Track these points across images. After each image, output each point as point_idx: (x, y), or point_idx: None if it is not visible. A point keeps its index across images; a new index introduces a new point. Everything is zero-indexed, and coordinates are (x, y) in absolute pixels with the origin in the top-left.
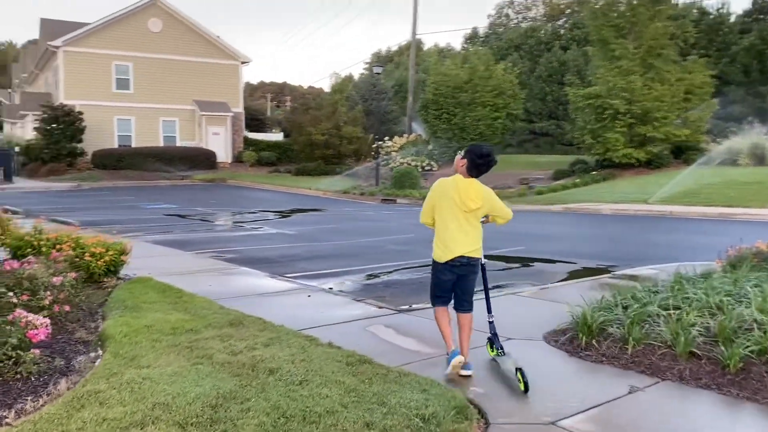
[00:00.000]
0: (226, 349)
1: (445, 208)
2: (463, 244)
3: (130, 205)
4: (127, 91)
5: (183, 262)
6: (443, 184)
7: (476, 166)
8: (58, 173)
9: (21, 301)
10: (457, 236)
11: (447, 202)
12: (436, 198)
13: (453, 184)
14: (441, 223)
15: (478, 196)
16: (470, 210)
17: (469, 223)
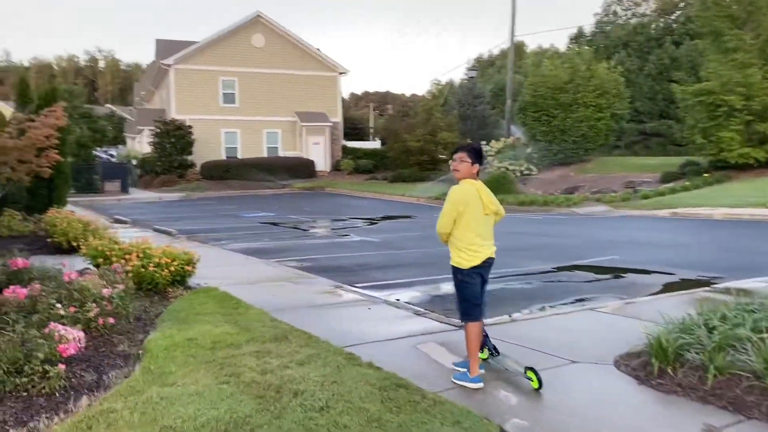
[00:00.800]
0: (259, 367)
1: (470, 214)
2: (489, 246)
3: (231, 213)
4: (233, 105)
5: (258, 271)
6: (466, 192)
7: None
8: (170, 184)
9: (68, 313)
10: (486, 240)
11: (473, 207)
12: (462, 206)
13: (474, 190)
14: (467, 229)
15: (494, 198)
16: (492, 212)
17: (489, 225)
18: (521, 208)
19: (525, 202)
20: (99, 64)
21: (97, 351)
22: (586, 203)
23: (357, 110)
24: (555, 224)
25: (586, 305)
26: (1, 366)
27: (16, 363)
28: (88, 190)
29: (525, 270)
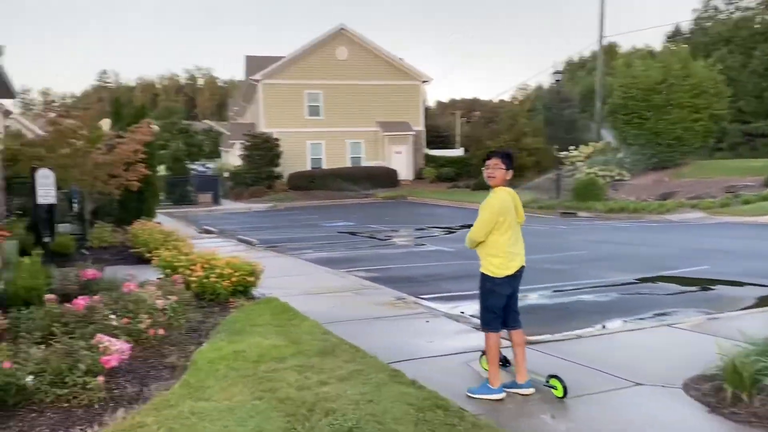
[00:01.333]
0: (297, 382)
1: (508, 223)
2: (522, 256)
3: (312, 223)
4: (318, 117)
5: (324, 281)
6: (505, 200)
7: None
8: (259, 195)
9: (121, 324)
10: (520, 249)
11: (511, 216)
12: (502, 216)
13: (510, 198)
14: (503, 238)
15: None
16: (523, 220)
17: (520, 233)
18: (610, 216)
19: (614, 209)
20: (198, 82)
21: (146, 362)
22: (680, 209)
23: (444, 118)
24: (644, 232)
25: (664, 320)
26: (45, 377)
27: (60, 374)
28: (183, 201)
29: (604, 281)
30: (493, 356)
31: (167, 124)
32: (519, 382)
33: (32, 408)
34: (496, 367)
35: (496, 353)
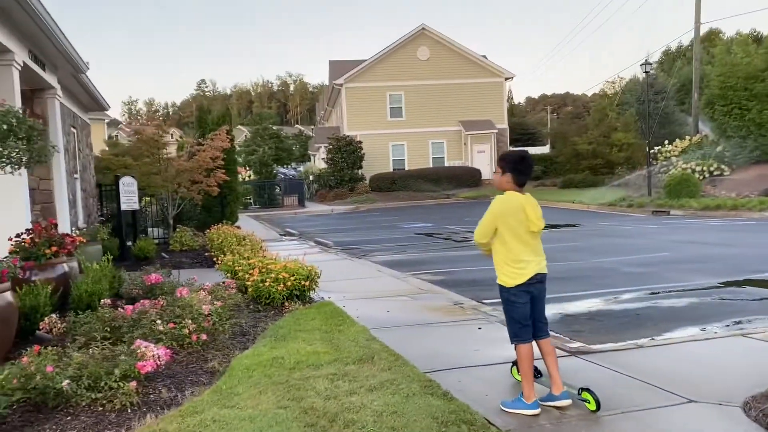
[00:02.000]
0: (327, 391)
1: (513, 229)
2: (538, 262)
3: (391, 224)
4: (400, 118)
5: (385, 285)
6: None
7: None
8: (342, 197)
9: (167, 329)
10: (533, 256)
11: (515, 221)
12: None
13: (518, 202)
14: (511, 245)
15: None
16: (540, 229)
17: (537, 240)
18: (705, 214)
19: (710, 207)
20: (289, 88)
21: (187, 367)
22: None
23: (534, 114)
24: (740, 231)
25: (741, 329)
26: (83, 381)
27: (98, 378)
28: (270, 204)
29: (684, 285)
30: (526, 369)
31: (258, 130)
32: (554, 393)
33: (69, 411)
34: (529, 380)
35: (529, 365)
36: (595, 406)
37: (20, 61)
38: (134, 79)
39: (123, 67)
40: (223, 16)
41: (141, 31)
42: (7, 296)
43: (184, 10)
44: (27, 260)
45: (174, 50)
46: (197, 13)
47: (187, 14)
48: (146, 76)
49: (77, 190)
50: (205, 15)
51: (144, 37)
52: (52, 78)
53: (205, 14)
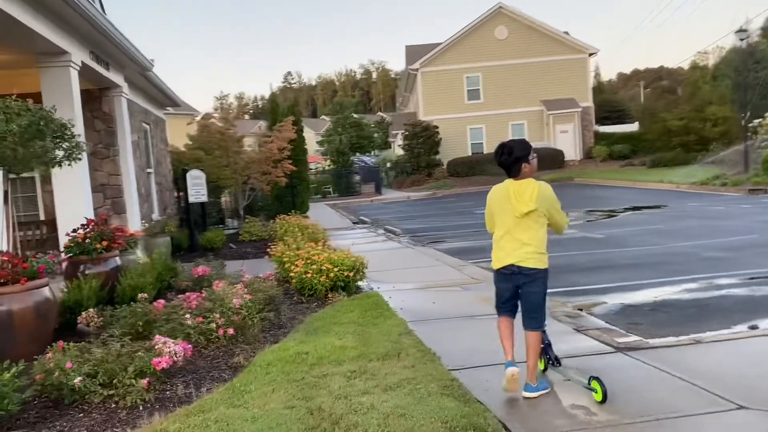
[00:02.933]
0: (340, 390)
1: (497, 216)
2: (513, 254)
3: (464, 210)
4: (478, 101)
5: (440, 274)
6: (493, 192)
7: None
8: (419, 183)
9: (195, 323)
10: (507, 245)
11: (499, 209)
12: (488, 207)
13: (505, 190)
14: (495, 231)
15: (531, 199)
16: (521, 215)
17: (520, 229)
18: None
19: None
20: (372, 76)
21: (212, 362)
22: None
23: (628, 90)
24: None
25: None
26: (98, 377)
27: (113, 375)
28: (348, 192)
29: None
30: (500, 338)
31: (339, 119)
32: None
33: (83, 408)
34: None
35: (501, 337)
36: (601, 396)
37: (78, 61)
38: (226, 74)
39: (215, 62)
40: (308, 7)
41: (231, 26)
42: (45, 291)
43: (274, 3)
44: (80, 254)
45: (263, 44)
46: (284, 5)
47: (276, 7)
48: (237, 71)
49: (152, 184)
50: (292, 7)
51: (234, 32)
52: (118, 77)
53: (292, 6)
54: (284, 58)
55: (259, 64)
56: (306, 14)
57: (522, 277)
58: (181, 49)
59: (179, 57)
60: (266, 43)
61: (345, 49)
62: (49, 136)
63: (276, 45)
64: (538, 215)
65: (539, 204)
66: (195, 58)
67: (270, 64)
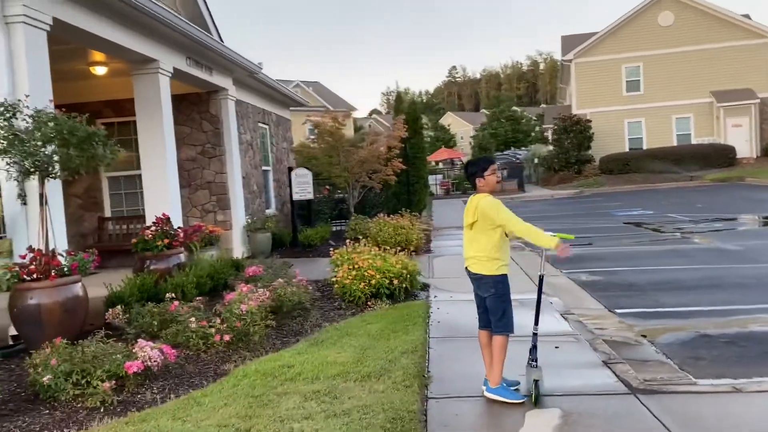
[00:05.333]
0: (286, 411)
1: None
2: (469, 260)
3: (605, 211)
4: (637, 92)
5: (515, 284)
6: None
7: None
8: (567, 181)
9: (199, 327)
10: (468, 251)
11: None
12: None
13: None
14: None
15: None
16: (467, 224)
17: (471, 238)
18: None
19: None
20: (539, 68)
21: (202, 368)
22: None
23: None
24: None
25: None
26: (72, 376)
27: (88, 375)
28: None
29: None
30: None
31: (495, 112)
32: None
33: (52, 405)
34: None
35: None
36: (534, 399)
37: (168, 68)
38: (395, 70)
39: (385, 59)
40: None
41: (396, 23)
42: (75, 288)
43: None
44: (145, 251)
45: (430, 39)
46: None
47: (441, 3)
48: (405, 67)
49: (269, 181)
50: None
51: (400, 28)
52: (225, 80)
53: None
54: (450, 53)
55: (426, 59)
56: (476, 6)
57: (476, 282)
58: (354, 48)
59: (352, 56)
60: (432, 39)
61: (511, 41)
62: (74, 142)
63: (442, 39)
64: (482, 226)
65: (478, 216)
66: (366, 56)
67: (436, 59)
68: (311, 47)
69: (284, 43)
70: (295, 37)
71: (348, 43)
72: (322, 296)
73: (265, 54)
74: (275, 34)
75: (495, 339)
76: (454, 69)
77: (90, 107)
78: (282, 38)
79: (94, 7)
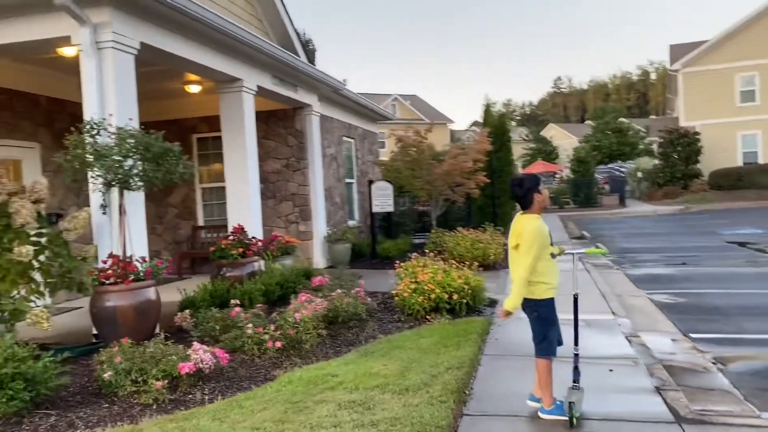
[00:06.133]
0: (318, 419)
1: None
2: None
3: (709, 230)
4: (753, 103)
5: (590, 304)
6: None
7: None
8: (672, 196)
9: (255, 333)
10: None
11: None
12: None
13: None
14: None
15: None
16: (511, 247)
17: (515, 261)
18: None
19: None
20: (650, 77)
21: (254, 372)
22: None
23: None
24: None
25: None
26: (131, 373)
27: (145, 373)
28: (588, 204)
29: None
30: None
31: (600, 124)
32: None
33: (112, 399)
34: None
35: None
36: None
37: (252, 86)
38: (497, 82)
39: (486, 70)
40: (582, 7)
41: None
42: (148, 292)
43: (547, 8)
44: (221, 259)
45: (533, 48)
46: (558, 8)
47: (548, 11)
48: (507, 78)
49: (353, 193)
50: (566, 9)
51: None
52: (309, 97)
53: (564, 8)
54: (555, 63)
55: (530, 70)
56: (582, 15)
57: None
58: (457, 61)
59: (454, 69)
60: (538, 49)
61: (620, 50)
62: (149, 156)
63: (548, 50)
64: (521, 249)
65: (519, 240)
66: (469, 69)
67: (540, 70)
68: (414, 61)
69: (387, 57)
70: (399, 52)
71: (450, 56)
72: (385, 308)
73: (366, 70)
74: (379, 49)
75: (537, 362)
76: (559, 79)
77: (187, 123)
78: (385, 53)
79: (180, 30)
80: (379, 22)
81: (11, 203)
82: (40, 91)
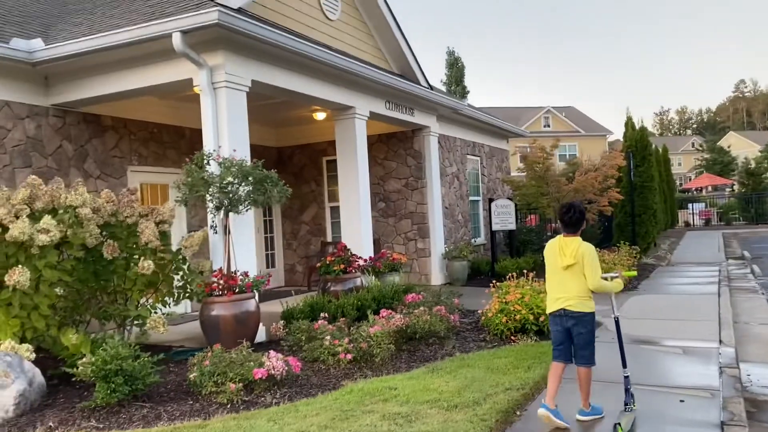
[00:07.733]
0: (360, 428)
1: (548, 266)
2: (564, 300)
3: None
4: None
5: (704, 331)
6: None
7: (560, 221)
8: None
9: (331, 344)
10: (557, 293)
11: (551, 260)
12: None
13: (556, 245)
14: (548, 280)
15: (572, 255)
16: (566, 266)
17: (566, 279)
18: None
19: None
20: None
21: (325, 381)
22: None
23: None
24: None
25: None
26: (214, 376)
27: (224, 376)
28: (759, 220)
29: None
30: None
31: None
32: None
33: (196, 397)
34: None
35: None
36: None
37: (364, 113)
38: (673, 88)
39: (662, 76)
40: None
41: (678, 37)
42: (248, 304)
43: (727, 10)
44: (326, 274)
45: (714, 52)
46: (741, 10)
47: (729, 14)
48: (682, 83)
49: (479, 211)
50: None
51: (682, 42)
52: (426, 119)
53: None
54: (735, 66)
55: (708, 74)
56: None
57: (570, 320)
58: (625, 68)
59: (622, 77)
60: (718, 51)
61: None
62: (252, 181)
63: (729, 52)
64: (579, 268)
65: (577, 260)
66: (640, 77)
67: (719, 74)
68: (574, 72)
69: (542, 70)
70: (562, 63)
71: (617, 64)
72: (474, 327)
73: (524, 84)
74: (535, 62)
75: (581, 371)
76: (742, 83)
77: (317, 146)
78: (550, 64)
79: (288, 65)
80: (534, 40)
81: (140, 224)
82: (184, 124)
